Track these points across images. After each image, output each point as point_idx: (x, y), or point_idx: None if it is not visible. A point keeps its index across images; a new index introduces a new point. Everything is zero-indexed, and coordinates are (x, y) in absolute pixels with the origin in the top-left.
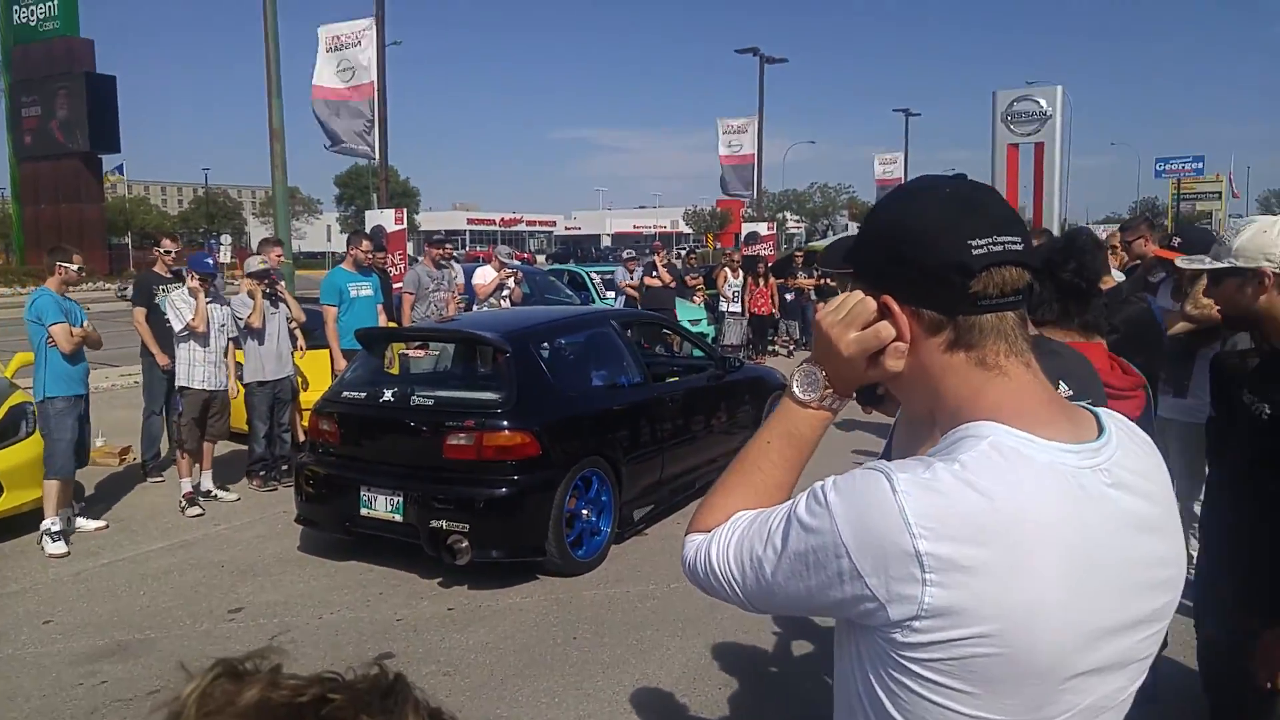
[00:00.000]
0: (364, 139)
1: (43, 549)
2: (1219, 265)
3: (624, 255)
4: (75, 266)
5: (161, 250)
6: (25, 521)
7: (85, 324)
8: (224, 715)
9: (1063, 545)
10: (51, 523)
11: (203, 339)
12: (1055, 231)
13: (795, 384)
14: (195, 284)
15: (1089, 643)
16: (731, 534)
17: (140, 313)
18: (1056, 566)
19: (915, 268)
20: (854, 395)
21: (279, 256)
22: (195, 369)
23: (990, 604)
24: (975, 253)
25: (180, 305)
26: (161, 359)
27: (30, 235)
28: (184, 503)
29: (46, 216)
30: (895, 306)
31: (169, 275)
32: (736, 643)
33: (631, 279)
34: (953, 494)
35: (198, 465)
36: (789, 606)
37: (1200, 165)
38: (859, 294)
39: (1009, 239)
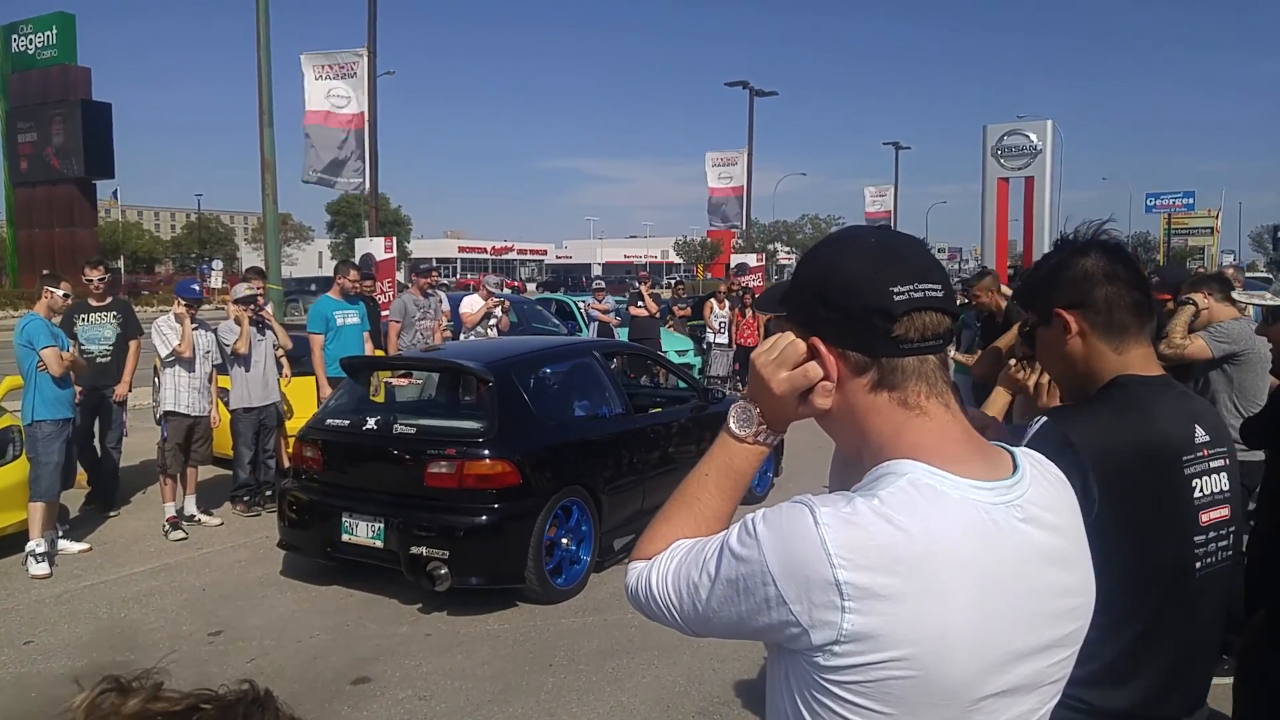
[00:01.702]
0: (353, 170)
1: (26, 570)
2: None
3: (594, 285)
4: (62, 293)
5: (84, 278)
6: (9, 543)
7: (70, 350)
8: None
9: (973, 575)
10: (36, 544)
11: (188, 364)
12: None
13: (731, 420)
14: (182, 310)
15: (998, 667)
16: (670, 562)
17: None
18: (966, 595)
19: (842, 312)
20: (784, 431)
21: (260, 285)
22: (181, 394)
23: (904, 630)
24: (897, 299)
25: (166, 331)
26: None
27: (24, 259)
28: (167, 526)
29: (40, 241)
30: (823, 348)
31: (95, 303)
32: (712, 671)
33: (601, 304)
34: (871, 527)
35: (181, 489)
36: (723, 631)
37: (1191, 201)
38: (790, 335)
39: (929, 286)
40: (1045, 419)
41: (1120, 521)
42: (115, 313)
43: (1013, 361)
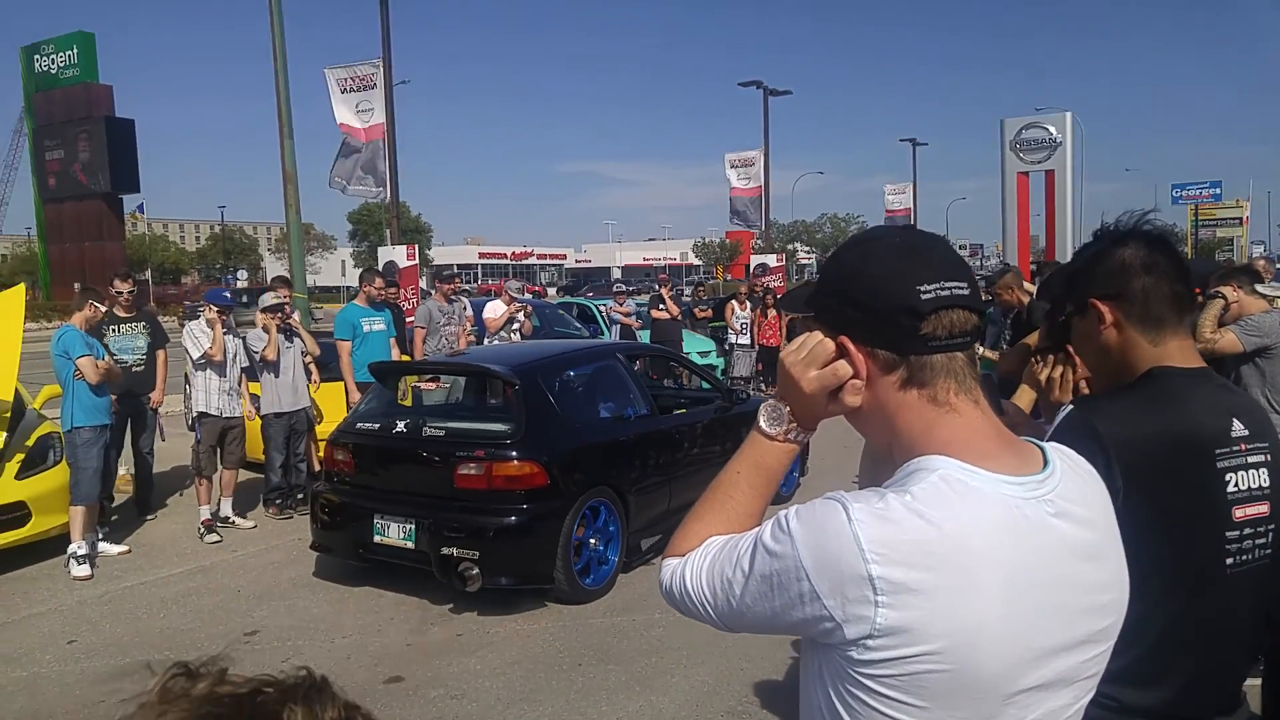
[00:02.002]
0: (376, 179)
1: (68, 572)
2: None
3: (614, 288)
4: (105, 308)
5: (114, 290)
6: (51, 546)
7: (104, 359)
8: (179, 703)
9: (1005, 570)
10: (77, 547)
11: (219, 368)
12: (1070, 258)
13: (762, 418)
14: (213, 315)
15: (1031, 661)
16: (704, 558)
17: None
18: (999, 590)
19: (869, 311)
20: (814, 429)
21: (287, 294)
22: (212, 397)
23: (937, 624)
24: (924, 297)
25: (199, 334)
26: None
27: (56, 273)
28: (202, 529)
29: (71, 255)
30: (851, 346)
31: (123, 314)
32: (740, 671)
33: (622, 308)
34: (903, 522)
35: (217, 492)
36: (757, 626)
37: (1218, 191)
38: (818, 335)
39: (955, 284)
40: (1071, 407)
41: (1147, 513)
42: (144, 323)
43: (1034, 357)
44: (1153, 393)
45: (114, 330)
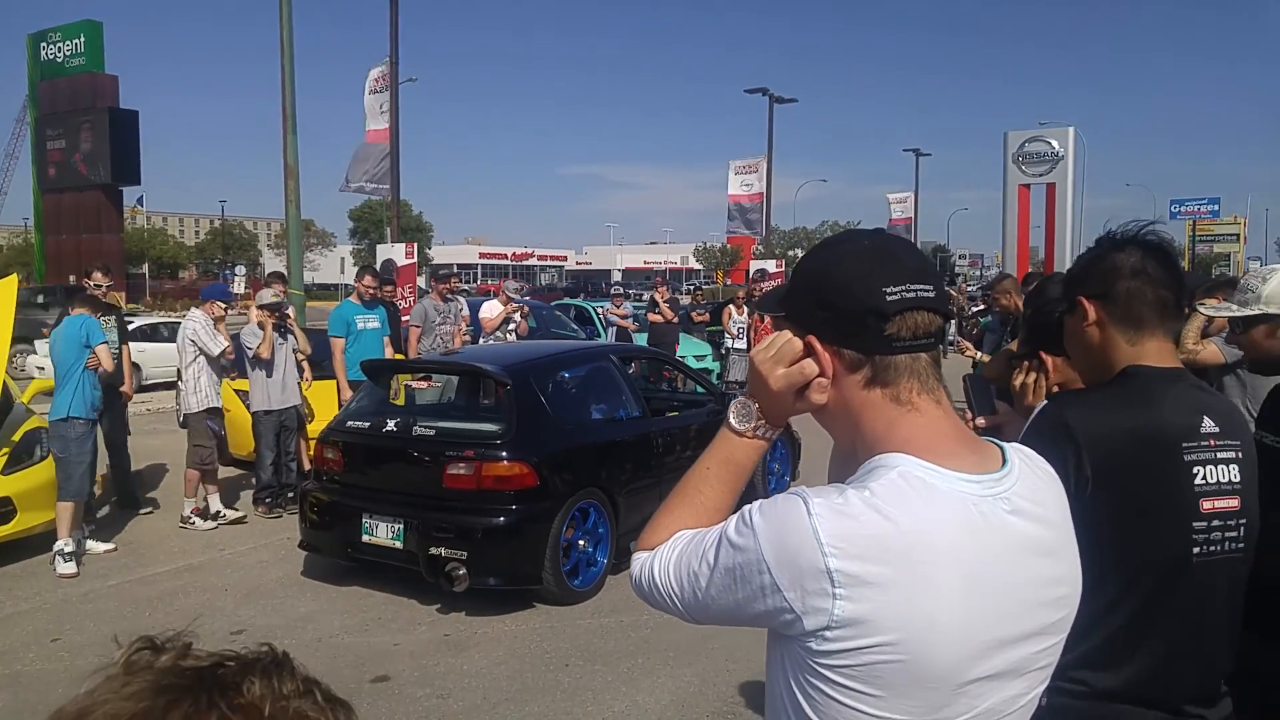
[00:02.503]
0: (383, 177)
1: (54, 569)
2: (1249, 312)
3: (610, 290)
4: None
5: (91, 284)
6: (36, 542)
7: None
8: (143, 674)
9: (959, 564)
10: (64, 544)
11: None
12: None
13: (731, 415)
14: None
15: (983, 652)
16: (672, 552)
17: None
18: (953, 584)
19: (836, 311)
20: (782, 426)
21: (283, 290)
22: (216, 389)
23: (892, 616)
24: (890, 299)
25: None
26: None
27: (52, 265)
28: (195, 518)
29: (68, 247)
30: (818, 346)
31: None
32: (726, 671)
33: (619, 309)
34: (861, 517)
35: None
36: (722, 618)
37: (1216, 208)
38: (787, 334)
39: (921, 286)
40: (1046, 402)
41: (1114, 503)
42: (114, 317)
43: (1025, 364)
44: (1125, 390)
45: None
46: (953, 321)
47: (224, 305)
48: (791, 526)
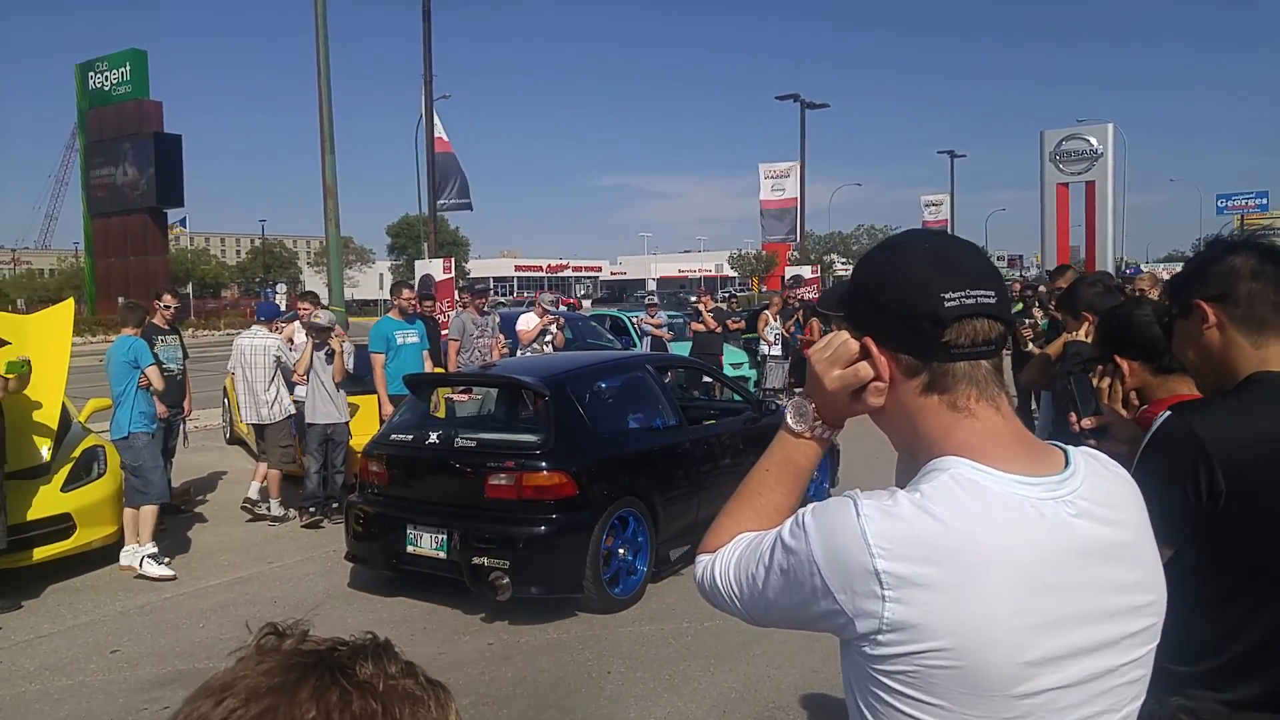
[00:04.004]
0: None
1: (143, 573)
2: None
3: (645, 300)
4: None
5: (161, 304)
6: (95, 557)
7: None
8: (273, 655)
9: (1013, 567)
10: (149, 548)
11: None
12: (1110, 269)
13: (789, 415)
14: (290, 329)
15: (1051, 663)
16: (733, 554)
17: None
18: (1009, 587)
19: (893, 316)
20: (841, 426)
21: (307, 309)
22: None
23: (943, 619)
24: (948, 305)
25: (286, 353)
26: (160, 409)
27: (101, 287)
28: (248, 505)
29: (116, 269)
30: (875, 349)
31: (166, 327)
32: (767, 677)
33: (654, 319)
34: (909, 518)
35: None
36: (783, 621)
37: (1265, 201)
38: (844, 335)
39: (982, 293)
40: (1170, 413)
41: (1250, 515)
42: (178, 336)
43: (1099, 368)
44: (1254, 397)
45: (161, 341)
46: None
47: (285, 323)
48: (841, 528)
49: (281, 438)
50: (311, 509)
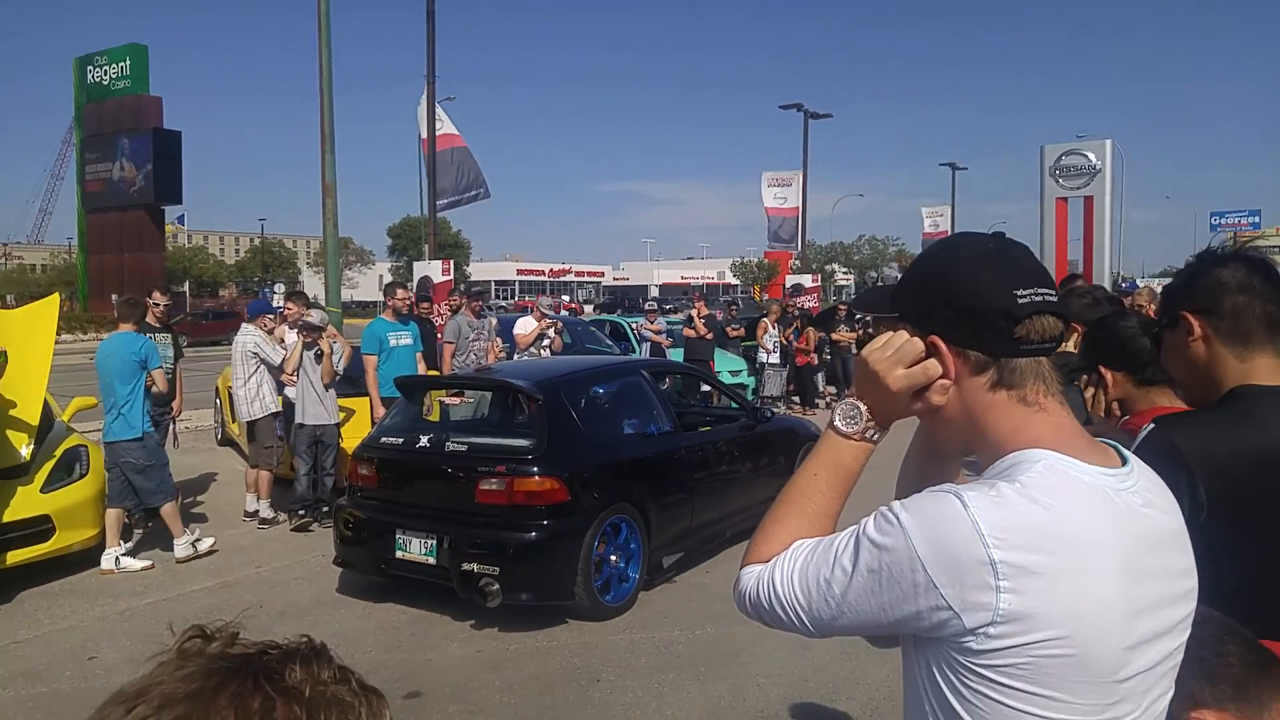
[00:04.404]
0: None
1: (183, 562)
2: None
3: (645, 306)
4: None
5: (151, 302)
6: (75, 560)
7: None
8: (195, 659)
9: (1117, 554)
10: (184, 539)
11: (276, 373)
12: (1106, 284)
13: (837, 417)
14: (273, 324)
15: (1141, 646)
16: (794, 561)
17: None
18: (1115, 574)
19: (967, 312)
20: (889, 428)
21: (293, 310)
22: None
23: (1060, 608)
24: (1021, 301)
25: (267, 350)
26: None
27: (95, 284)
28: (246, 517)
29: (110, 265)
30: (943, 346)
31: (158, 326)
32: (757, 686)
33: (653, 324)
34: (1018, 507)
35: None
36: (857, 626)
37: (1257, 219)
38: (904, 334)
39: (1047, 291)
40: (1152, 426)
41: (1229, 531)
42: (170, 335)
43: (1084, 378)
44: (1236, 411)
45: (153, 340)
46: None
47: (272, 318)
48: (947, 519)
49: (265, 436)
50: (301, 512)
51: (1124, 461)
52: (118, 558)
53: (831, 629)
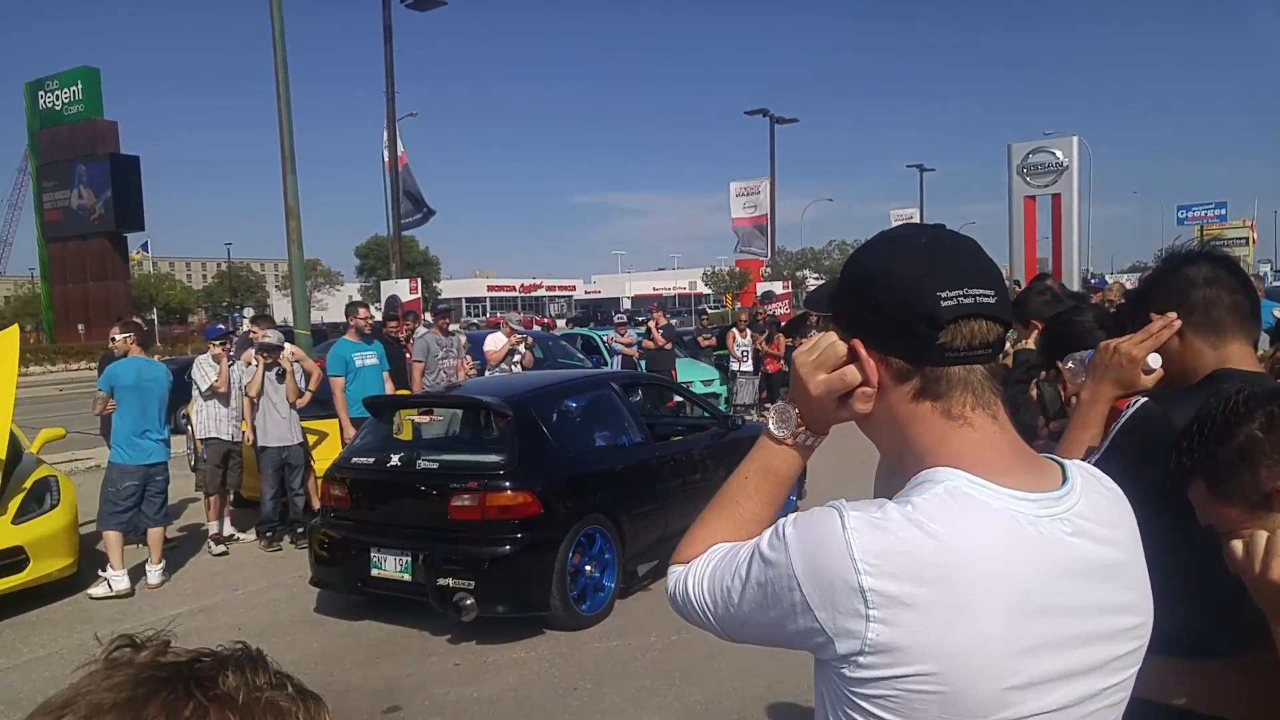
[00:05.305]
0: (414, 204)
1: (148, 585)
2: None
3: (615, 319)
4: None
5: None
6: (50, 591)
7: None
8: (124, 669)
9: (1010, 589)
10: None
11: (224, 398)
12: (1075, 281)
13: (770, 420)
14: (219, 350)
15: (1038, 687)
16: (707, 565)
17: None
18: (1002, 610)
19: (885, 316)
20: (826, 433)
21: (257, 333)
22: (222, 424)
23: (932, 643)
24: (944, 304)
25: (207, 369)
26: None
27: (59, 314)
28: (211, 543)
29: (75, 295)
30: (863, 352)
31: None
32: (732, 690)
33: (623, 338)
34: (900, 533)
35: (223, 510)
36: (758, 637)
37: (1223, 212)
38: (832, 336)
39: (981, 292)
40: (1145, 399)
41: None
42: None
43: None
44: (1219, 389)
45: None
46: None
47: (221, 343)
48: (824, 540)
49: (205, 461)
50: (269, 533)
51: (1064, 481)
52: (108, 582)
53: (739, 636)
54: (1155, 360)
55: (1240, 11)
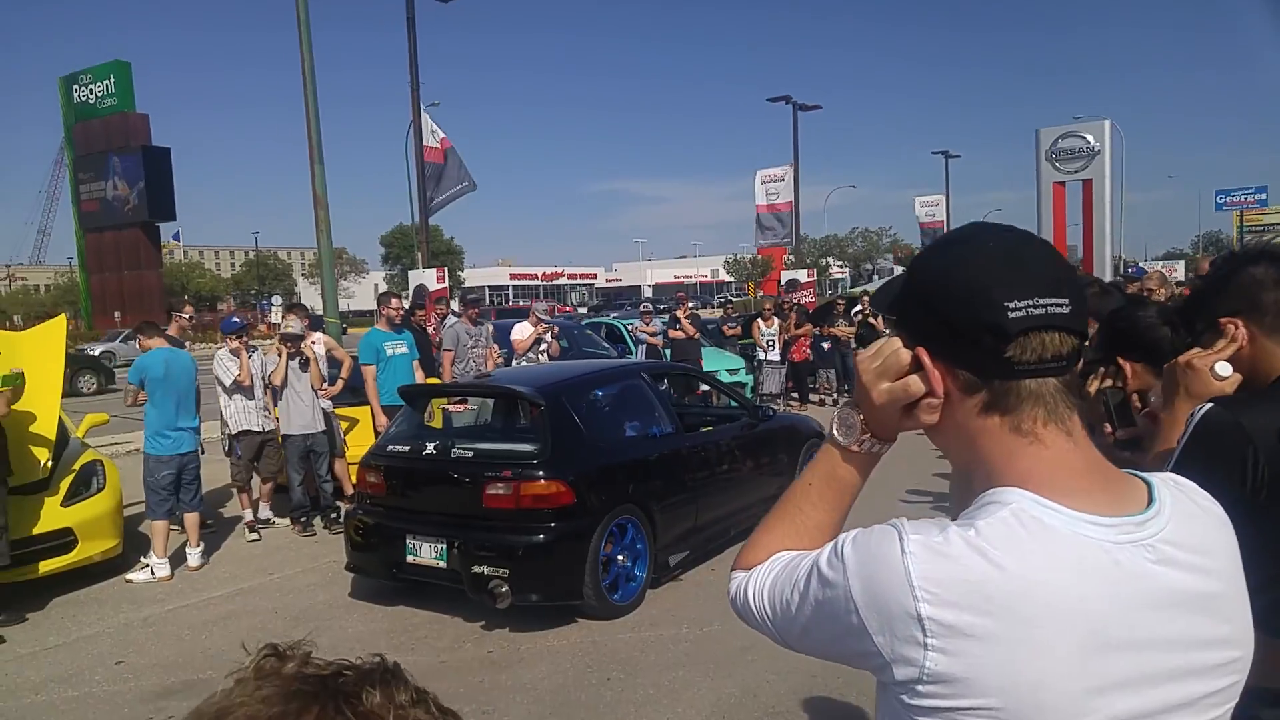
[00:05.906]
0: (459, 177)
1: (247, 537)
2: None
3: (641, 308)
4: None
5: (185, 318)
6: (96, 571)
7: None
8: (271, 679)
9: (1079, 622)
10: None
11: (249, 390)
12: (1107, 270)
13: (834, 426)
14: (237, 345)
15: None
16: (769, 574)
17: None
18: (1070, 644)
19: (950, 325)
20: (894, 440)
21: (295, 321)
22: (250, 415)
23: (993, 676)
24: (1012, 315)
25: (228, 364)
26: None
27: (97, 302)
28: (246, 530)
29: (111, 284)
30: (928, 361)
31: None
32: (766, 684)
33: (649, 326)
34: (962, 560)
35: (254, 499)
36: (817, 651)
37: (1264, 196)
38: (897, 343)
39: (1053, 301)
40: (1210, 404)
41: None
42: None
43: (1101, 370)
44: None
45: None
46: None
47: (236, 336)
48: (882, 564)
49: (241, 455)
50: (302, 519)
51: (1150, 503)
52: (151, 569)
53: (800, 647)
54: (1225, 369)
55: None
